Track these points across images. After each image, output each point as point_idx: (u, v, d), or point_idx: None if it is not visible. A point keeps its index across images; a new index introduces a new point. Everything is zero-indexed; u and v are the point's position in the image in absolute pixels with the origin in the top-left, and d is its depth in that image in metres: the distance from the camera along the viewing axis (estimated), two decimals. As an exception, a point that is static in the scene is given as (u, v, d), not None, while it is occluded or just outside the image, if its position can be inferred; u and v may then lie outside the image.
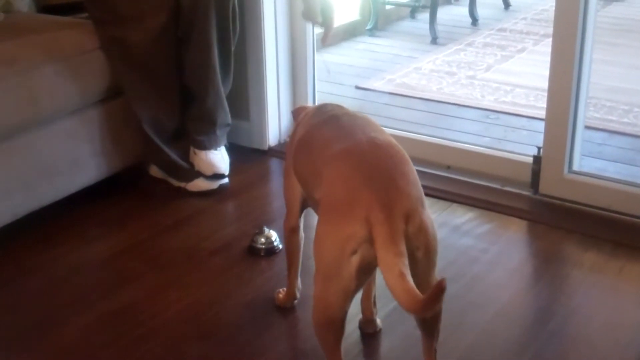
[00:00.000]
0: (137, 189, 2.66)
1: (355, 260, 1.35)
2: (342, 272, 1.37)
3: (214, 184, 2.60)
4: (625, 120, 3.44)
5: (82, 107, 2.39)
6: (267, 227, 2.28)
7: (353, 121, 1.59)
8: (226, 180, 2.63)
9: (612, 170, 2.84)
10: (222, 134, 2.62)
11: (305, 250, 1.90)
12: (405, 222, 1.33)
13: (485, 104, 3.68)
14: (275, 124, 2.93)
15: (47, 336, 1.90)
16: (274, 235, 2.26)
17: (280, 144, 2.95)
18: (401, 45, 4.79)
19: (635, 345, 1.84)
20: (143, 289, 2.09)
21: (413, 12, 5.40)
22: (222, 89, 2.53)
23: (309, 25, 2.85)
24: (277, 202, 2.62)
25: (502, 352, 1.82)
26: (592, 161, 2.91)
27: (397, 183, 1.38)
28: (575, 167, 2.47)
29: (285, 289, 1.99)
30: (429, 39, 4.83)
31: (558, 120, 2.40)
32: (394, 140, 1.51)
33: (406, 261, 1.29)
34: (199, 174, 2.59)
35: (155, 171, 2.69)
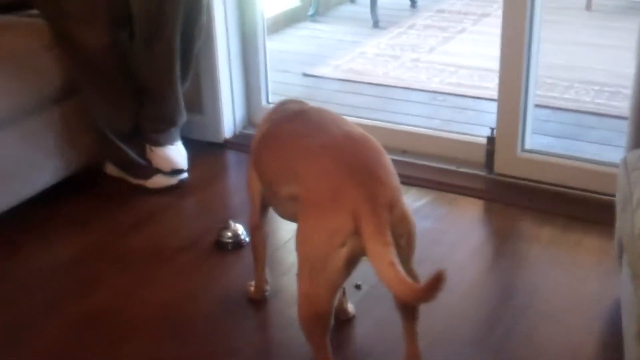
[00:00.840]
0: (95, 189, 2.63)
1: (343, 252, 1.39)
2: (330, 265, 1.40)
3: (174, 180, 2.60)
4: (567, 96, 3.55)
5: (36, 109, 2.36)
6: (233, 221, 2.29)
7: (322, 116, 1.62)
8: (185, 175, 2.63)
9: (558, 146, 2.93)
10: (177, 129, 2.62)
11: (272, 243, 1.92)
12: (389, 212, 1.37)
13: (432, 86, 3.75)
14: (230, 115, 2.93)
15: (22, 343, 1.88)
16: (240, 229, 2.28)
17: (235, 136, 2.96)
18: (344, 30, 4.82)
19: (600, 315, 1.92)
20: (114, 290, 2.09)
21: (353, -5, 5.43)
22: (181, 91, 2.52)
23: (259, 14, 2.86)
24: (239, 195, 2.64)
25: (474, 331, 1.88)
26: (539, 138, 2.99)
27: (378, 174, 1.42)
28: (527, 146, 2.55)
29: (251, 284, 2.01)
30: (371, 23, 4.87)
31: (510, 100, 2.47)
32: (367, 133, 1.55)
33: (394, 250, 1.33)
34: (157, 171, 2.58)
35: (111, 169, 2.66)
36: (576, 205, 2.41)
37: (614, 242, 1.94)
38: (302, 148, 1.53)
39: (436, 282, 1.26)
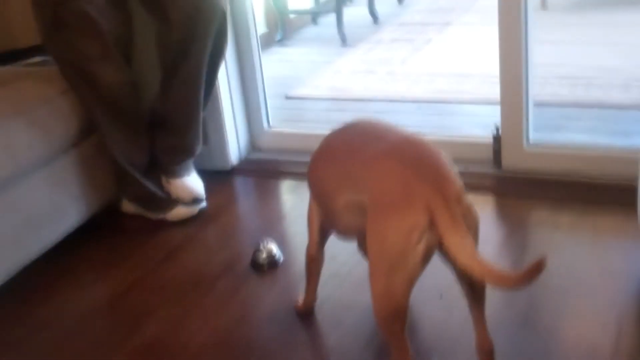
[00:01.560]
0: (115, 228, 2.64)
1: (420, 248, 1.44)
2: (409, 261, 1.45)
3: (194, 209, 2.63)
4: (545, 91, 3.68)
5: (58, 154, 2.37)
6: (266, 242, 2.33)
7: (374, 125, 1.70)
8: (204, 203, 2.66)
9: (551, 139, 3.04)
10: (192, 159, 2.66)
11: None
12: (459, 205, 1.44)
13: (414, 95, 3.85)
14: (235, 142, 2.98)
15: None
16: (274, 249, 2.32)
17: (241, 162, 3.01)
18: (313, 51, 4.93)
19: (628, 288, 2.02)
20: (162, 323, 2.10)
21: (314, 18, 5.54)
22: (201, 118, 2.57)
23: (254, 40, 2.92)
24: (259, 218, 2.69)
25: (517, 314, 1.94)
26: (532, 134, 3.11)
27: (443, 172, 1.49)
28: (532, 140, 2.66)
29: (301, 296, 2.06)
30: (338, 41, 4.98)
31: (513, 99, 2.58)
32: (421, 137, 1.62)
33: (472, 240, 1.40)
34: (177, 202, 2.61)
35: (128, 207, 2.68)
36: (588, 191, 2.51)
37: (637, 220, 2.06)
38: (364, 155, 1.58)
39: (536, 269, 1.32)
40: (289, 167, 2.94)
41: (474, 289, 1.60)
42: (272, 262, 2.31)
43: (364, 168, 1.57)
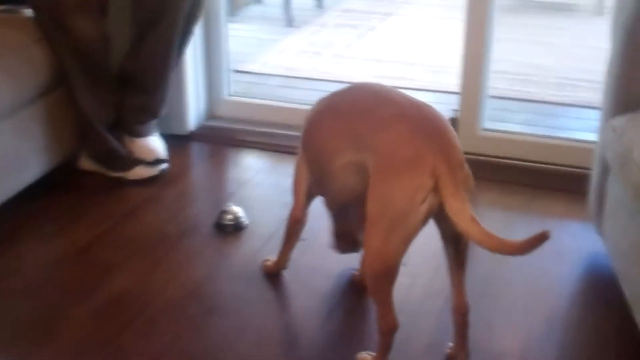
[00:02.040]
0: (74, 183, 2.62)
1: (423, 209, 1.52)
2: (410, 221, 1.53)
3: (155, 170, 2.64)
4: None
5: (26, 102, 2.33)
6: (232, 204, 2.37)
7: (381, 89, 1.73)
8: (166, 164, 2.67)
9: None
10: (156, 120, 2.66)
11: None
12: (461, 171, 1.53)
13: (363, 78, 3.94)
14: (194, 108, 2.99)
15: (54, 334, 1.88)
16: (240, 211, 2.36)
17: (199, 128, 3.02)
18: (259, 29, 4.94)
19: (578, 266, 2.19)
20: (129, 276, 2.11)
21: (259, -4, 5.55)
22: (169, 84, 2.57)
23: (222, 7, 2.95)
24: (219, 183, 2.73)
25: (478, 286, 2.06)
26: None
27: (449, 138, 1.57)
28: (487, 126, 2.80)
29: (271, 258, 2.12)
30: (283, 21, 5.01)
31: (472, 89, 2.73)
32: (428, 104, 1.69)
33: (470, 206, 1.49)
34: (138, 162, 2.61)
35: (86, 164, 2.66)
36: (538, 177, 2.66)
37: (587, 204, 2.22)
38: (374, 117, 1.62)
39: (539, 239, 1.43)
40: (247, 136, 2.98)
41: (458, 254, 1.69)
42: (238, 225, 2.35)
43: (374, 129, 1.61)
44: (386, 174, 1.55)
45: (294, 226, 2.01)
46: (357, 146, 1.64)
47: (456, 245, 1.67)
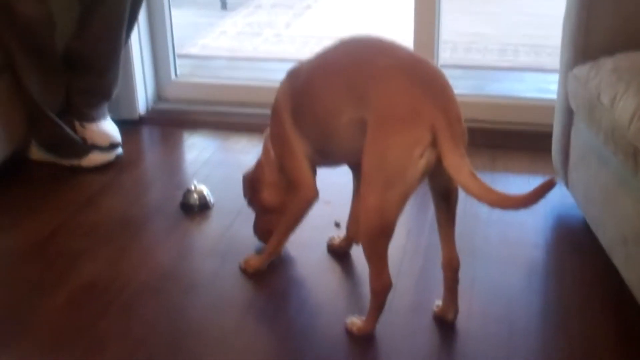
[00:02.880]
0: (24, 175, 2.52)
1: (421, 163, 1.49)
2: (408, 175, 1.49)
3: (111, 155, 2.56)
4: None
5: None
6: (197, 183, 2.31)
7: (377, 40, 1.65)
8: (120, 149, 2.59)
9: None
10: (107, 103, 2.58)
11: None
12: (460, 126, 1.51)
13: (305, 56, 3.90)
14: (142, 92, 2.91)
15: (27, 325, 1.80)
16: (205, 190, 2.31)
17: (149, 112, 2.94)
18: (194, 12, 4.86)
19: (551, 213, 2.22)
20: (97, 263, 2.03)
21: (189, -19, 5.45)
22: (120, 63, 2.48)
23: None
24: (180, 165, 2.67)
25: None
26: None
27: (447, 92, 1.54)
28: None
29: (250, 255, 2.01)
30: (217, 4, 4.94)
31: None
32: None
33: (469, 161, 1.47)
34: (92, 148, 2.52)
35: (37, 154, 2.56)
36: (496, 137, 2.68)
37: (551, 159, 2.25)
38: (371, 68, 1.56)
39: (545, 188, 1.40)
40: (198, 116, 2.92)
41: (449, 209, 1.67)
42: (204, 204, 2.29)
43: (371, 81, 1.54)
44: (383, 128, 1.51)
45: (307, 208, 1.85)
46: (357, 101, 1.57)
47: (447, 201, 1.65)
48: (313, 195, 1.83)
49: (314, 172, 1.84)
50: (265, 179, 1.92)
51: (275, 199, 1.92)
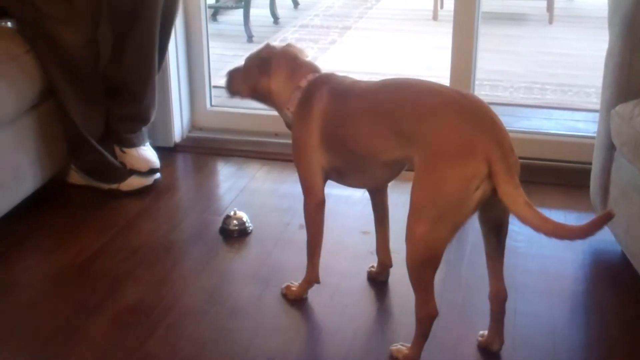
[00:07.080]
0: (66, 198, 2.55)
1: (477, 195, 1.51)
2: (464, 208, 1.52)
3: (149, 180, 2.59)
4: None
5: (18, 115, 2.26)
6: (237, 209, 2.34)
7: (417, 81, 1.70)
8: (159, 174, 2.62)
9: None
10: (146, 129, 2.62)
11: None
12: (513, 156, 1.53)
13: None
14: (179, 120, 2.95)
15: (72, 346, 1.81)
16: (244, 217, 2.33)
17: (184, 139, 2.98)
18: (221, 45, 4.91)
19: (586, 249, 2.24)
20: (140, 286, 2.05)
21: (215, 14, 5.54)
22: (156, 88, 2.53)
23: (203, 23, 2.93)
24: (217, 192, 2.69)
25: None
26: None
27: (497, 124, 1.56)
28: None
29: (292, 283, 2.01)
30: (244, 38, 5.01)
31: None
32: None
33: (523, 191, 1.50)
34: (131, 172, 2.56)
35: (76, 178, 2.59)
36: (531, 173, 2.68)
37: (589, 195, 2.26)
38: (419, 109, 1.60)
39: (604, 219, 1.43)
40: (232, 145, 2.96)
41: (499, 241, 1.69)
42: (243, 230, 2.31)
43: (419, 120, 1.58)
44: (437, 163, 1.54)
45: (317, 213, 1.88)
46: (402, 141, 1.61)
47: (498, 233, 1.67)
48: (320, 199, 1.86)
49: (325, 180, 1.86)
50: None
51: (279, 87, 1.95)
